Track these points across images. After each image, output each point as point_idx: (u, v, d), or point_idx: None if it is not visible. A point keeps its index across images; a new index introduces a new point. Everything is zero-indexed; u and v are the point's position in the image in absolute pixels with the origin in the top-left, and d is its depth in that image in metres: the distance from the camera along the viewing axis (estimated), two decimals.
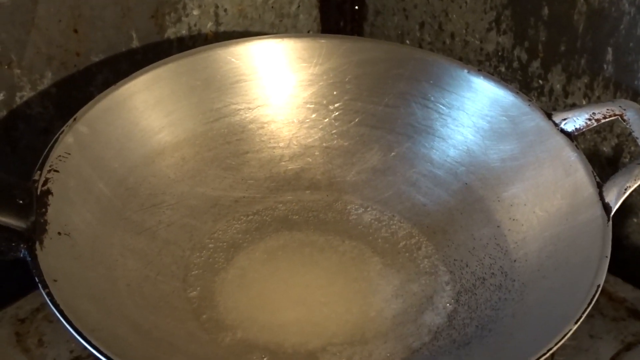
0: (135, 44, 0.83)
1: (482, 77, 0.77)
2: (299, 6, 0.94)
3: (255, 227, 0.76)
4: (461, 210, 0.76)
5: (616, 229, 0.68)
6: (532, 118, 0.74)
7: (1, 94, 0.76)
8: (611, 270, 0.64)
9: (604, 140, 0.82)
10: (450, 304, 0.70)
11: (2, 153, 0.78)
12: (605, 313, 0.75)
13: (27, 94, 0.78)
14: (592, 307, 0.60)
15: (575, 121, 0.72)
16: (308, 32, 0.96)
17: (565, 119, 0.72)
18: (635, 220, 0.82)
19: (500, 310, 0.67)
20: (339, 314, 0.69)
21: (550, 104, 0.84)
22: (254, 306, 0.70)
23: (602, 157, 0.82)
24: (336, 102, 0.81)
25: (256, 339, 0.67)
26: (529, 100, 0.75)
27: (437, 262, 0.73)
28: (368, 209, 0.78)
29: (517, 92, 0.75)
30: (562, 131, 0.72)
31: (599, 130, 0.82)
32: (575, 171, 0.70)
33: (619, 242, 0.82)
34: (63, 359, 0.70)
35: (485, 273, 0.71)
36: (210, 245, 0.74)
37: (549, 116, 0.73)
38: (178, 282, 0.71)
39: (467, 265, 0.72)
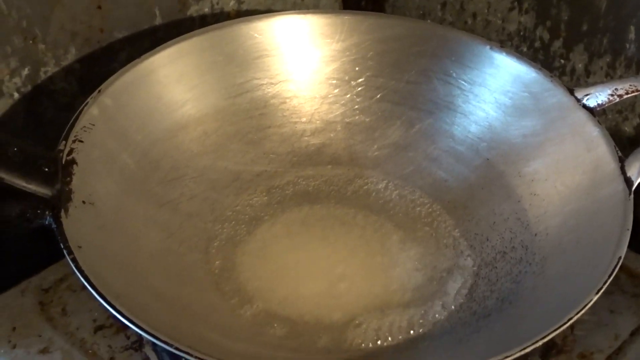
0: (158, 21, 0.83)
1: (504, 53, 0.77)
2: None
3: (276, 201, 0.77)
4: (482, 185, 0.76)
5: (636, 208, 0.67)
6: (554, 94, 0.74)
7: (26, 69, 0.76)
8: (632, 247, 0.64)
9: (625, 120, 0.82)
10: (470, 277, 0.70)
11: (26, 128, 0.79)
12: (626, 289, 0.75)
13: (51, 69, 0.78)
14: (612, 283, 0.60)
15: (597, 97, 0.72)
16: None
17: (587, 95, 0.72)
18: None
19: (521, 283, 0.68)
20: (360, 286, 0.70)
21: (571, 84, 0.84)
22: (275, 278, 0.70)
23: (624, 136, 0.82)
24: (358, 78, 0.81)
25: (277, 310, 0.68)
26: (551, 76, 0.75)
27: (457, 237, 0.74)
28: (389, 184, 0.78)
29: (540, 68, 0.75)
30: (584, 107, 0.72)
31: (621, 110, 0.82)
32: (597, 146, 0.70)
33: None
34: (87, 328, 0.70)
35: (506, 247, 0.71)
36: (232, 218, 0.75)
37: (571, 92, 0.73)
38: (200, 254, 0.71)
39: (487, 240, 0.72)
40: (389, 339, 0.66)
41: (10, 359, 0.67)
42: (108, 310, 0.57)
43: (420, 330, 0.66)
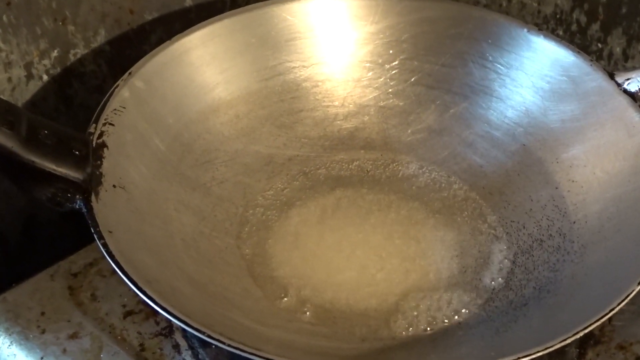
0: (188, 2, 0.82)
1: (542, 37, 0.76)
2: None
3: (308, 186, 0.76)
4: (518, 171, 0.75)
5: None
6: (594, 78, 0.72)
7: (55, 51, 0.76)
8: None
9: None
10: (507, 266, 0.69)
11: (57, 110, 0.78)
12: None
13: (80, 51, 0.77)
14: None
15: (638, 81, 0.70)
16: None
17: (628, 79, 0.71)
18: None
19: (559, 272, 0.66)
20: (394, 274, 0.69)
21: (609, 68, 0.82)
22: (308, 264, 0.69)
23: None
24: (392, 61, 0.80)
25: (310, 297, 0.67)
26: (591, 60, 0.73)
27: (493, 224, 0.72)
28: (424, 169, 0.77)
29: (579, 52, 0.74)
30: (625, 91, 0.71)
31: None
32: (638, 132, 0.68)
33: None
34: (116, 313, 0.70)
35: (543, 235, 0.70)
36: (264, 203, 0.74)
37: (611, 76, 0.72)
38: (232, 239, 0.70)
39: (524, 227, 0.71)
40: (424, 327, 0.65)
41: (39, 343, 0.67)
42: (139, 295, 0.56)
43: (456, 319, 0.65)
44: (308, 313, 0.65)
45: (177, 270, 0.63)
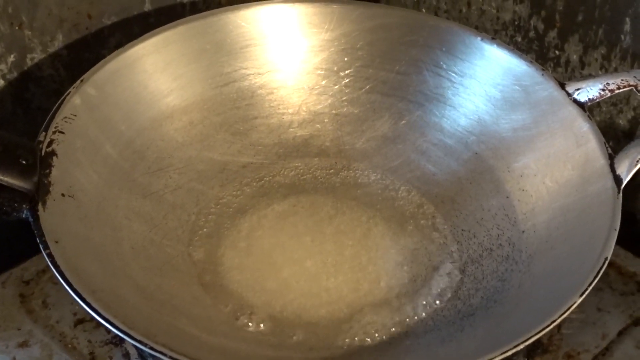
0: (147, 7, 0.82)
1: (495, 45, 0.76)
2: None
3: (262, 193, 0.76)
4: (471, 180, 0.75)
5: (630, 203, 0.66)
6: (545, 87, 0.73)
7: (12, 56, 0.76)
8: (624, 244, 0.63)
9: (620, 112, 0.81)
10: (456, 275, 0.69)
11: (14, 115, 0.78)
12: (615, 287, 0.74)
13: (38, 55, 0.77)
14: (601, 280, 0.60)
15: (588, 91, 0.71)
16: None
17: (578, 89, 0.71)
18: None
19: (507, 281, 0.67)
20: (345, 282, 0.69)
21: (566, 75, 0.83)
22: (259, 272, 0.69)
23: (618, 129, 0.81)
24: (347, 69, 0.80)
25: (259, 305, 0.67)
26: (543, 70, 0.74)
27: (445, 232, 0.73)
28: (377, 177, 0.77)
29: (531, 61, 0.74)
30: (575, 101, 0.71)
31: (615, 103, 0.80)
32: (586, 142, 0.69)
33: (633, 217, 0.81)
34: (67, 321, 0.70)
35: (493, 244, 0.70)
36: (217, 210, 0.74)
37: (562, 86, 0.72)
38: (183, 246, 0.70)
39: (474, 236, 0.72)
40: (372, 336, 0.65)
41: None
42: (82, 306, 0.56)
43: (404, 328, 0.65)
44: (256, 322, 0.65)
45: (125, 279, 0.63)
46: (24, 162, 0.62)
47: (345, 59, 0.80)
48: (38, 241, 0.59)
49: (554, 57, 0.83)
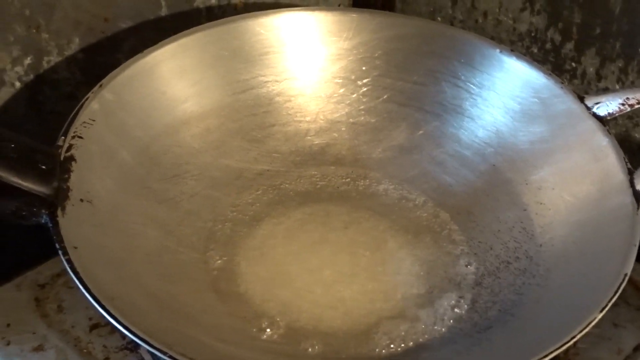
0: (163, 12, 0.82)
1: (514, 58, 0.76)
2: None
3: (278, 201, 0.76)
4: (487, 192, 0.75)
5: None
6: (564, 101, 0.73)
7: (28, 58, 0.75)
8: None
9: (635, 126, 0.81)
10: (472, 287, 0.69)
11: (28, 117, 0.78)
12: (631, 302, 0.73)
13: (54, 58, 0.77)
14: (617, 296, 0.59)
15: (608, 105, 0.71)
16: (339, 5, 0.95)
17: (598, 103, 0.71)
18: None
19: (524, 295, 0.66)
20: (360, 293, 0.69)
21: (582, 87, 0.83)
22: (274, 280, 0.69)
23: (634, 143, 0.81)
24: (365, 78, 0.80)
25: (274, 313, 0.66)
26: (562, 83, 0.74)
27: (461, 244, 0.72)
28: (393, 187, 0.77)
29: (550, 74, 0.74)
30: (594, 115, 0.71)
31: (631, 116, 0.80)
32: (605, 157, 0.69)
33: None
34: (82, 326, 0.69)
35: (510, 257, 0.70)
36: (232, 218, 0.74)
37: (581, 99, 0.72)
38: (198, 254, 0.70)
39: (491, 248, 0.71)
40: (387, 348, 0.65)
41: (3, 355, 0.66)
42: (102, 313, 0.56)
43: (420, 341, 0.65)
44: (271, 331, 0.65)
45: (139, 286, 0.63)
46: (43, 167, 0.62)
47: (363, 67, 0.80)
48: (57, 247, 0.59)
49: (570, 70, 0.83)
